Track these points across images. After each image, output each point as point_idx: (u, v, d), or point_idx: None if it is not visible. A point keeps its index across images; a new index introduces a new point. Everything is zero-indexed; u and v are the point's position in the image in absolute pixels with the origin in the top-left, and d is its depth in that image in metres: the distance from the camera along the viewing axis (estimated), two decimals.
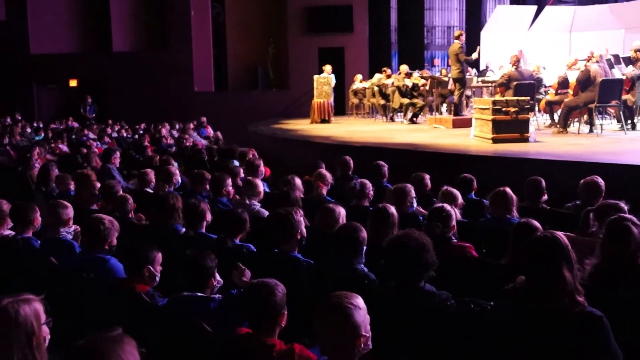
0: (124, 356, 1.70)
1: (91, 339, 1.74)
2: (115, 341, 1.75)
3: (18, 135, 14.78)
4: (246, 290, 3.03)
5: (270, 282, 2.95)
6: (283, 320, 2.89)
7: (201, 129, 17.43)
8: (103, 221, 4.33)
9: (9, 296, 2.24)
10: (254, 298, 2.90)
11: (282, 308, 2.89)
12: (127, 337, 1.80)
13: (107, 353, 1.68)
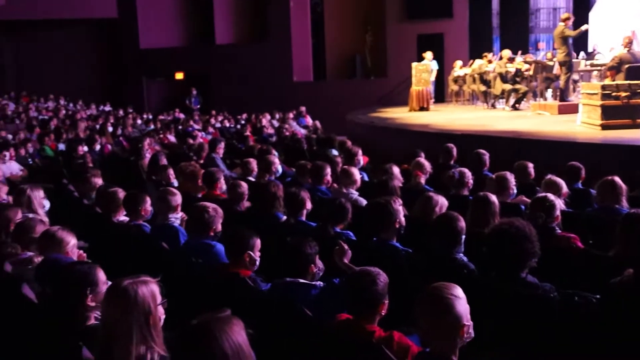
0: (233, 336, 1.81)
1: (203, 319, 1.86)
2: (225, 322, 1.85)
3: (130, 127, 15.63)
4: (349, 278, 3.08)
5: (373, 271, 2.99)
6: (383, 309, 2.93)
7: (300, 118, 17.72)
8: (207, 209, 4.52)
9: (128, 277, 2.43)
10: (356, 286, 2.96)
11: (383, 297, 2.93)
12: (236, 318, 1.91)
13: (218, 332, 1.79)
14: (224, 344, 1.78)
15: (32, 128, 14.59)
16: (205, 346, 1.78)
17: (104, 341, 2.37)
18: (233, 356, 1.77)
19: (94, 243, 5.18)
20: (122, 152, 12.38)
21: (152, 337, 2.37)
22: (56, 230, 3.82)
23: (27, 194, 5.32)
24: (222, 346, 1.78)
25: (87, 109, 20.93)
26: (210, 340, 1.78)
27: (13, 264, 3.88)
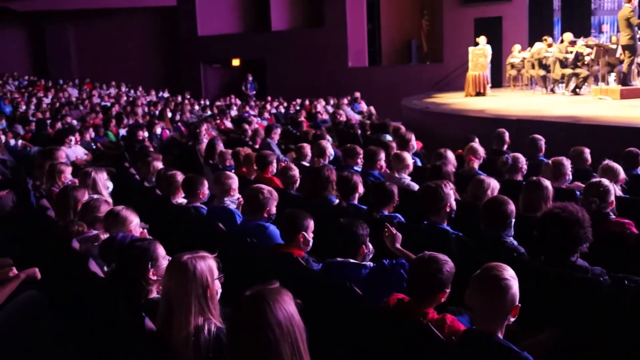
0: (284, 305, 1.92)
1: (257, 289, 1.97)
2: (276, 292, 1.97)
3: (187, 113, 15.99)
4: (417, 260, 3.12)
5: (442, 258, 3.01)
6: (443, 297, 2.97)
7: (355, 104, 17.73)
8: (262, 191, 4.65)
9: (188, 253, 2.57)
10: (421, 269, 3.00)
11: (446, 286, 2.97)
12: (284, 289, 2.01)
13: (271, 301, 1.90)
14: (277, 313, 1.89)
15: (95, 114, 15.11)
16: (259, 314, 1.89)
17: (165, 312, 2.52)
18: (285, 324, 1.88)
19: (154, 223, 5.40)
20: (180, 137, 12.70)
21: (209, 309, 2.51)
22: (120, 209, 4.02)
23: (92, 176, 5.57)
24: (276, 314, 1.89)
25: (147, 95, 21.50)
26: (263, 309, 1.89)
27: (80, 241, 4.10)
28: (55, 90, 20.75)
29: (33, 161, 9.17)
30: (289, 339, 1.89)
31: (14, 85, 21.69)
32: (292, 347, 1.89)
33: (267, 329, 1.87)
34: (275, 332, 1.87)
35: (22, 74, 23.46)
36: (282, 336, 1.88)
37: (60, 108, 16.29)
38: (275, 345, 1.87)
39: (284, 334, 1.88)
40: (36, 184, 6.32)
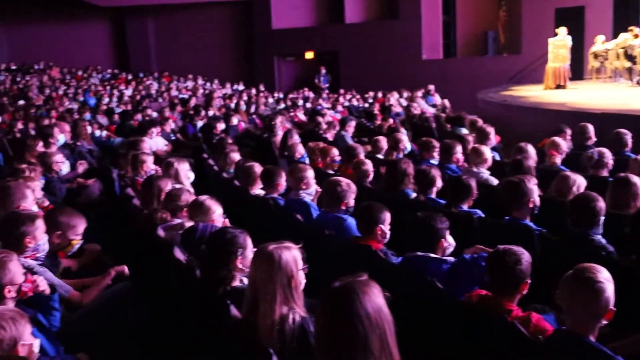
0: (373, 297, 1.91)
1: (346, 281, 1.98)
2: (365, 284, 1.96)
3: (262, 105, 16.21)
4: (492, 255, 3.07)
5: (517, 250, 2.97)
6: (525, 288, 2.92)
7: (428, 97, 17.49)
8: (341, 183, 4.67)
9: (274, 243, 2.61)
10: (499, 264, 2.95)
11: (526, 277, 2.92)
12: (373, 281, 2.01)
13: (360, 293, 1.90)
14: (366, 304, 1.89)
15: (173, 106, 15.55)
16: (347, 306, 1.89)
17: (250, 301, 2.58)
18: (374, 316, 1.88)
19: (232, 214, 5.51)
20: (255, 130, 12.90)
21: (293, 299, 2.55)
22: (204, 199, 4.13)
23: (175, 166, 5.75)
24: (365, 306, 1.89)
25: (222, 88, 21.93)
26: (353, 300, 1.89)
27: (165, 229, 4.24)
28: (136, 83, 21.48)
29: (117, 151, 9.54)
30: (377, 332, 1.88)
31: (97, 78, 22.58)
32: (380, 340, 1.89)
33: (355, 320, 1.87)
34: (364, 324, 1.87)
35: (105, 68, 24.39)
36: (370, 328, 1.88)
37: (141, 100, 16.85)
38: (363, 337, 1.87)
39: (372, 327, 1.88)
40: (121, 174, 6.57)
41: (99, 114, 13.45)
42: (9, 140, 9.53)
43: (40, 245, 3.50)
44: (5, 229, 3.48)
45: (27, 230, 3.43)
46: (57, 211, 4.05)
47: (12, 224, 3.47)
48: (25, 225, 3.44)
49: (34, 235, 3.46)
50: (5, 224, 3.51)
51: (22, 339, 2.28)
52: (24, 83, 19.35)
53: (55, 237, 3.78)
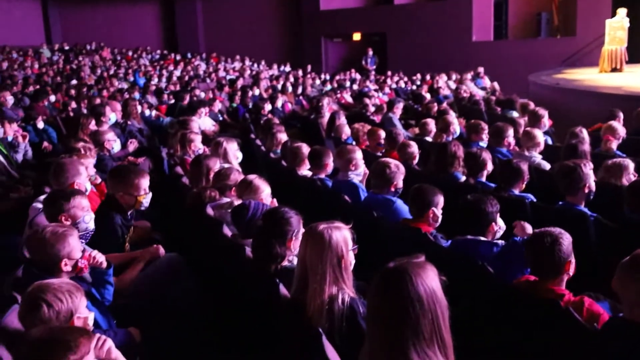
0: (427, 280, 1.87)
1: (401, 262, 1.94)
2: (420, 266, 1.92)
3: (309, 87, 16.17)
4: (530, 239, 3.02)
5: (554, 231, 2.91)
6: (569, 268, 2.84)
7: (478, 79, 17.16)
8: (389, 165, 4.62)
9: (324, 223, 2.60)
10: (538, 247, 2.89)
11: (568, 257, 2.84)
12: (430, 264, 1.97)
13: (414, 276, 1.86)
14: (418, 287, 1.85)
15: (221, 87, 15.66)
16: (400, 287, 1.85)
17: (300, 280, 2.57)
18: (427, 299, 1.84)
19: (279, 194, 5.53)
20: (301, 111, 12.90)
21: (343, 279, 2.53)
22: (253, 178, 4.15)
23: (224, 145, 5.79)
24: (417, 289, 1.85)
25: (269, 69, 21.97)
26: (406, 282, 1.85)
27: (214, 207, 4.28)
28: (184, 63, 21.71)
29: (166, 131, 9.67)
30: (429, 316, 1.84)
31: (147, 59, 22.90)
32: (432, 324, 1.84)
33: (408, 302, 1.84)
34: (416, 307, 1.83)
35: (154, 48, 24.72)
36: (422, 311, 1.83)
37: (189, 81, 17.02)
38: (414, 320, 1.83)
39: (425, 310, 1.84)
40: (170, 152, 6.65)
41: (148, 94, 13.64)
42: (63, 118, 9.76)
43: (80, 223, 3.53)
44: (46, 206, 3.58)
45: (63, 207, 3.49)
46: (116, 173, 4.14)
47: (51, 200, 3.57)
48: (60, 202, 3.51)
49: (69, 213, 3.50)
50: (47, 201, 3.61)
51: (78, 311, 2.32)
52: (76, 63, 19.76)
53: (121, 198, 3.97)
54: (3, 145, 7.06)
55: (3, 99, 10.08)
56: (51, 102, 11.54)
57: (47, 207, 3.57)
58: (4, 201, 5.66)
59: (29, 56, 20.32)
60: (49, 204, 3.56)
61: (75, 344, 1.91)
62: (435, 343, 1.85)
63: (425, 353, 1.83)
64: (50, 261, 2.83)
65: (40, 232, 2.87)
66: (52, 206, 3.52)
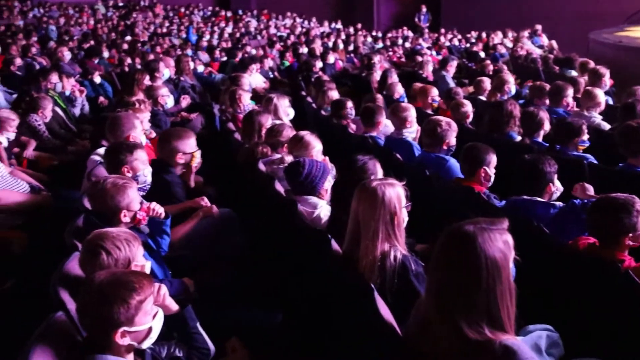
0: (493, 249, 1.76)
1: (473, 224, 1.81)
2: (492, 232, 1.80)
3: (360, 44, 15.96)
4: (596, 204, 2.90)
5: (620, 198, 2.79)
6: (636, 240, 2.73)
7: (535, 37, 16.61)
8: (440, 123, 4.54)
9: (377, 179, 2.58)
10: (603, 214, 2.79)
11: (633, 228, 2.72)
12: (506, 232, 1.84)
13: (482, 241, 1.75)
14: (480, 256, 1.75)
15: (272, 44, 15.60)
16: (461, 252, 1.78)
17: (352, 236, 2.57)
18: (487, 271, 1.73)
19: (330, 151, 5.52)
20: (352, 68, 12.77)
21: (395, 236, 2.52)
22: (305, 134, 4.14)
23: (274, 102, 5.79)
24: (479, 258, 1.75)
25: (320, 26, 21.75)
26: (469, 247, 1.76)
27: (266, 163, 4.30)
28: (236, 20, 21.68)
29: (218, 87, 9.73)
30: (485, 289, 1.73)
31: (199, 15, 22.96)
32: (488, 298, 1.70)
33: (464, 269, 1.75)
34: (472, 276, 1.74)
35: (206, 5, 24.74)
36: (478, 282, 1.74)
37: (241, 38, 17.01)
38: (468, 288, 1.74)
39: (481, 281, 1.73)
40: (222, 109, 6.69)
41: (200, 50, 13.71)
42: (118, 74, 9.91)
43: (140, 176, 3.60)
44: (108, 158, 3.65)
45: (125, 160, 3.56)
46: (166, 134, 4.20)
47: (113, 152, 3.63)
48: (122, 154, 3.57)
49: (131, 165, 3.56)
50: (108, 152, 3.68)
51: (135, 259, 2.38)
52: (130, 20, 19.97)
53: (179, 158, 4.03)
54: (61, 99, 7.23)
55: (61, 54, 10.30)
56: (105, 58, 11.73)
57: (109, 159, 3.64)
58: (63, 154, 5.81)
59: (85, 12, 20.62)
60: (111, 156, 3.63)
61: (139, 286, 1.97)
62: (487, 318, 1.75)
63: (478, 324, 1.74)
64: (109, 211, 2.91)
65: (101, 183, 2.94)
66: (114, 158, 3.58)
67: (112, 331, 1.94)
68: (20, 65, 9.57)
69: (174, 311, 2.29)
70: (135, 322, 1.96)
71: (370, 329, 2.25)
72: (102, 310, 1.93)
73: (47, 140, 6.03)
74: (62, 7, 20.92)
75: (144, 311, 1.99)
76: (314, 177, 3.45)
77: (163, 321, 2.10)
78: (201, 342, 2.36)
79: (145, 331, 2.01)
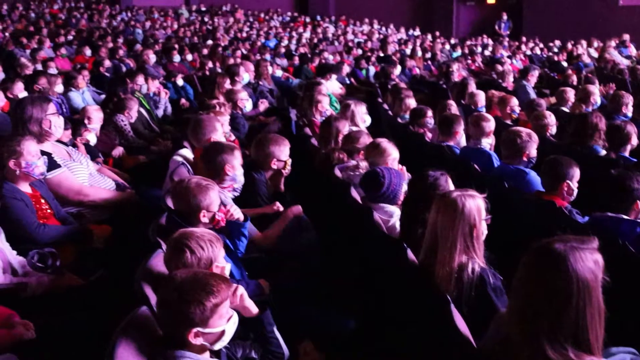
0: (584, 270, 1.73)
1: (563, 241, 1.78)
2: (583, 251, 1.77)
3: (438, 52, 15.79)
4: None
5: None
6: None
7: (622, 47, 15.97)
8: (521, 134, 4.44)
9: (458, 190, 2.55)
10: None
11: None
12: (596, 251, 1.80)
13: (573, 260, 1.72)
14: (570, 276, 1.72)
15: (349, 50, 15.66)
16: (550, 271, 1.74)
17: (429, 246, 2.55)
18: (577, 292, 1.70)
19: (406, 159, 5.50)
20: (429, 76, 12.65)
21: (474, 249, 2.49)
22: (382, 141, 4.15)
23: (352, 108, 5.82)
24: (569, 278, 1.71)
25: (397, 32, 21.66)
26: (559, 267, 1.72)
27: (342, 169, 4.33)
28: (313, 26, 21.89)
29: (294, 92, 9.86)
30: (574, 311, 1.70)
31: (277, 21, 23.32)
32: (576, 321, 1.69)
33: (552, 290, 1.72)
34: (561, 297, 1.71)
35: (285, 11, 25.10)
36: (567, 304, 1.70)
37: (318, 43, 17.16)
38: (556, 309, 1.71)
39: (570, 303, 1.70)
40: (299, 114, 6.77)
41: (278, 55, 13.92)
42: (199, 77, 10.21)
43: (237, 175, 3.74)
44: (208, 157, 3.76)
45: (227, 159, 3.69)
46: (263, 138, 4.28)
47: (215, 152, 3.74)
48: (225, 154, 3.70)
49: (232, 164, 3.70)
50: (209, 152, 3.79)
51: (216, 260, 2.45)
52: (211, 24, 20.50)
53: (273, 163, 4.13)
54: (146, 100, 7.51)
55: (146, 57, 10.69)
56: (187, 60, 12.09)
57: (208, 158, 3.75)
58: (146, 153, 6.03)
59: (169, 16, 21.33)
60: (212, 155, 3.72)
61: (217, 289, 2.02)
62: (573, 339, 1.70)
63: (562, 346, 1.69)
64: (190, 210, 3.00)
65: (185, 182, 3.05)
66: (216, 157, 3.70)
67: (186, 330, 2.00)
68: (109, 66, 10.01)
69: (253, 314, 2.33)
70: (210, 324, 2.02)
71: (446, 341, 2.23)
72: (179, 309, 1.99)
73: (132, 140, 6.28)
74: (148, 11, 21.72)
75: (219, 314, 2.03)
76: (394, 188, 3.46)
77: (240, 321, 2.15)
78: (276, 346, 2.40)
79: (218, 333, 2.06)
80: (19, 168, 3.49)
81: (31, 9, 19.12)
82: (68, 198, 3.95)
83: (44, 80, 6.97)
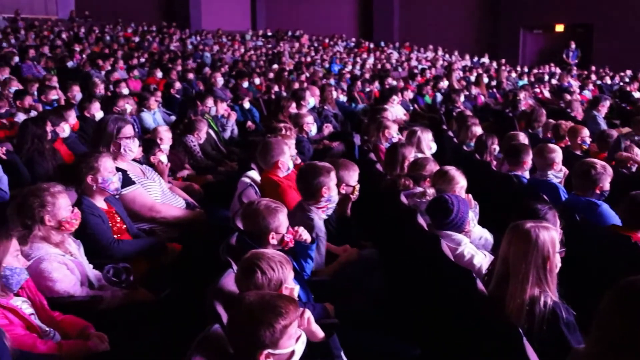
0: None
1: None
2: None
3: (504, 79, 15.59)
4: None
5: None
6: None
7: None
8: (595, 166, 4.33)
9: (531, 221, 2.51)
10: None
11: None
12: None
13: None
14: None
15: (413, 76, 15.65)
16: (634, 309, 1.72)
17: (501, 277, 2.52)
18: None
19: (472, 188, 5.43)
20: (494, 104, 12.50)
21: (546, 282, 2.44)
22: (450, 169, 4.13)
23: (418, 135, 5.81)
24: None
25: (462, 59, 21.52)
26: None
27: (408, 196, 4.32)
28: (378, 51, 22.00)
29: (358, 117, 9.92)
30: None
31: (342, 46, 23.56)
32: None
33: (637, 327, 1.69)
34: None
35: (349, 36, 25.35)
36: None
37: (382, 69, 17.22)
38: None
39: None
40: (365, 138, 6.80)
41: (343, 80, 14.04)
42: (265, 100, 10.40)
43: (332, 196, 3.80)
44: (305, 178, 3.82)
45: (324, 181, 3.75)
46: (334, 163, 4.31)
47: (313, 174, 3.78)
48: (323, 176, 3.75)
49: (328, 186, 3.76)
50: (306, 174, 3.84)
51: (286, 282, 2.49)
52: (277, 49, 20.89)
53: (342, 188, 4.11)
54: (214, 122, 7.70)
55: (214, 80, 10.98)
56: (254, 84, 12.34)
57: (306, 179, 3.79)
58: (214, 174, 6.17)
59: (236, 40, 21.86)
60: (310, 177, 3.76)
61: (285, 311, 2.05)
62: None
63: None
64: (260, 232, 3.06)
65: (255, 204, 3.12)
66: (314, 178, 3.74)
67: (257, 351, 2.02)
68: (179, 88, 10.33)
69: (319, 338, 2.34)
70: (280, 345, 2.04)
71: None
72: (249, 331, 2.03)
73: (200, 160, 6.44)
74: (216, 36, 22.31)
75: (288, 335, 2.06)
76: (462, 215, 3.43)
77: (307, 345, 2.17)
78: None
79: (288, 354, 2.08)
80: (95, 184, 3.66)
81: (106, 32, 19.93)
82: (141, 214, 4.09)
83: (122, 102, 7.26)
